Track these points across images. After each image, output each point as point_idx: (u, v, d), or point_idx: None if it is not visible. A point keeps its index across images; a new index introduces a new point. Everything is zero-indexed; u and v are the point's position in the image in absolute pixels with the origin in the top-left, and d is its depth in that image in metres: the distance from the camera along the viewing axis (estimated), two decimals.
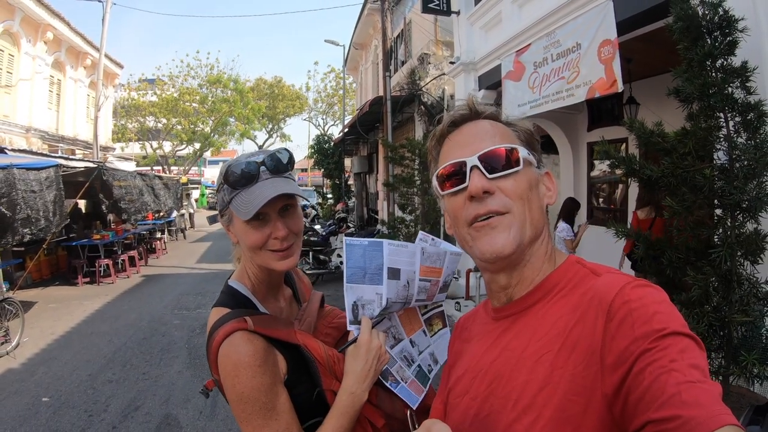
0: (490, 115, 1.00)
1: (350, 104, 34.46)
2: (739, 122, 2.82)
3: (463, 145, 0.95)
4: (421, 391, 1.32)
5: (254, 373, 1.14)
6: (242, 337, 1.17)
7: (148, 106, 32.82)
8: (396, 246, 1.22)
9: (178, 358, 6.46)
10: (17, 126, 14.30)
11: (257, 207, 1.18)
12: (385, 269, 1.18)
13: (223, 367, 1.17)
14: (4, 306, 6.79)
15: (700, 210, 2.96)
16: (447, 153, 0.98)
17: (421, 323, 1.40)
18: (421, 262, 1.25)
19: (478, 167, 0.91)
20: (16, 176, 7.52)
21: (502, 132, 0.96)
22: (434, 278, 1.31)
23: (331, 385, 1.25)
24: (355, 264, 1.18)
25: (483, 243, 0.90)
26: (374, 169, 20.09)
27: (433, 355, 1.40)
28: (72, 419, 4.76)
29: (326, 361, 1.26)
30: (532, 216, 0.91)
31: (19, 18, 14.21)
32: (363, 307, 1.20)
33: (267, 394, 1.15)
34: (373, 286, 1.18)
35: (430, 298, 1.34)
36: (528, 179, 0.93)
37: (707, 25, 2.86)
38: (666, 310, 0.75)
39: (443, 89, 11.82)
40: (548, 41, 5.71)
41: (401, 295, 1.22)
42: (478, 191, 0.89)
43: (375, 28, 18.28)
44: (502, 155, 0.91)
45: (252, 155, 1.28)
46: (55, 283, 11.72)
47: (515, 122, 1.01)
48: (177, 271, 13.49)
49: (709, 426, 0.60)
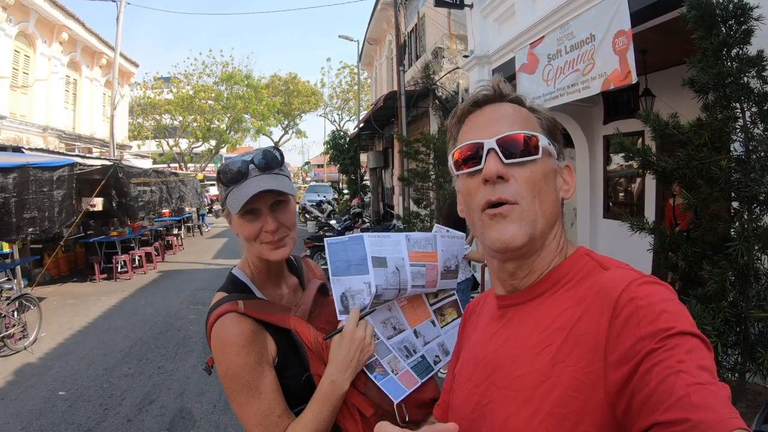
0: (515, 98, 0.98)
1: (366, 99, 34.45)
2: (756, 113, 2.76)
3: (483, 126, 0.93)
4: (413, 383, 1.30)
5: (238, 352, 1.22)
6: (232, 318, 1.25)
7: (164, 104, 33.09)
8: (377, 237, 1.26)
9: (194, 352, 6.52)
10: (34, 125, 14.52)
11: (243, 201, 1.25)
12: (369, 258, 1.21)
13: (213, 345, 1.26)
14: (22, 302, 6.91)
15: (717, 203, 2.90)
16: (466, 133, 0.96)
17: (430, 313, 1.39)
18: (408, 248, 1.28)
19: (495, 150, 0.88)
20: (30, 177, 7.64)
21: (524, 117, 0.94)
22: (429, 263, 1.32)
23: (320, 369, 1.28)
24: (338, 258, 1.22)
25: (493, 232, 0.88)
26: (390, 164, 20.09)
27: (442, 346, 1.39)
28: (88, 412, 4.83)
29: (315, 347, 1.30)
30: (544, 209, 0.88)
31: (34, 19, 14.40)
32: (353, 297, 1.22)
33: (250, 372, 1.22)
34: (359, 276, 1.21)
35: (431, 284, 1.33)
36: (544, 170, 0.90)
37: (722, 13, 2.80)
38: (674, 308, 0.73)
39: (458, 83, 11.77)
40: (562, 33, 5.63)
41: (392, 282, 1.24)
42: (492, 175, 0.87)
43: (389, 23, 18.23)
44: (521, 141, 0.89)
45: (246, 155, 1.36)
46: (73, 280, 11.89)
47: (540, 109, 0.98)
48: (193, 266, 13.61)
49: (719, 429, 0.58)
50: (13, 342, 6.59)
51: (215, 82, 35.01)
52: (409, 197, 11.63)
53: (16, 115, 13.77)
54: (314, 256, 9.87)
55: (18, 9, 13.60)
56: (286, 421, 1.22)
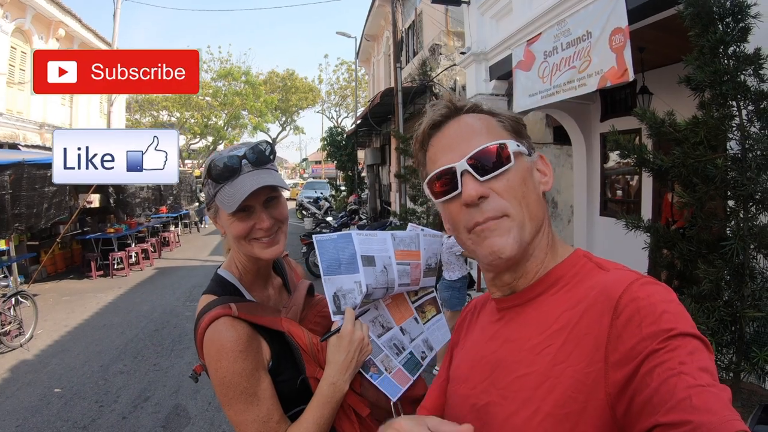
0: (472, 108, 0.95)
1: (363, 96, 34.43)
2: (752, 111, 2.75)
3: (449, 148, 0.91)
4: (406, 381, 1.30)
5: (236, 358, 1.17)
6: (226, 323, 1.20)
7: (162, 100, 33.00)
8: (365, 235, 1.25)
9: (189, 349, 6.51)
10: (31, 122, 14.43)
11: (240, 200, 1.20)
12: (359, 257, 1.20)
13: (207, 351, 1.21)
14: (18, 299, 6.90)
15: (712, 201, 2.89)
16: (434, 158, 0.94)
17: (412, 311, 1.40)
18: (394, 247, 1.28)
19: (468, 171, 0.87)
20: (24, 174, 7.63)
21: (487, 126, 0.92)
22: (413, 261, 1.32)
23: (315, 372, 1.26)
24: (329, 257, 1.20)
25: (484, 247, 0.87)
26: (387, 161, 20.07)
27: (427, 342, 1.40)
28: (83, 409, 4.83)
29: (310, 349, 1.27)
30: (530, 211, 0.87)
31: (31, 15, 14.30)
32: (344, 296, 1.20)
33: (248, 379, 1.17)
34: (350, 275, 1.20)
35: (415, 282, 1.34)
36: (521, 173, 0.89)
37: (719, 11, 2.79)
38: (674, 309, 0.72)
39: (455, 80, 11.75)
40: (559, 30, 5.61)
41: (381, 281, 1.23)
42: (472, 199, 0.85)
43: (386, 20, 18.18)
44: (492, 153, 0.87)
45: (234, 149, 1.30)
46: (70, 277, 11.87)
47: (499, 111, 0.96)
48: (190, 263, 13.61)
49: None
50: (9, 339, 6.59)
51: (213, 78, 34.93)
52: (406, 194, 11.63)
53: (13, 112, 13.68)
54: (310, 253, 9.87)
55: (14, 5, 13.51)
56: (284, 426, 1.20)
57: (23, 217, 8.12)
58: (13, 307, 6.73)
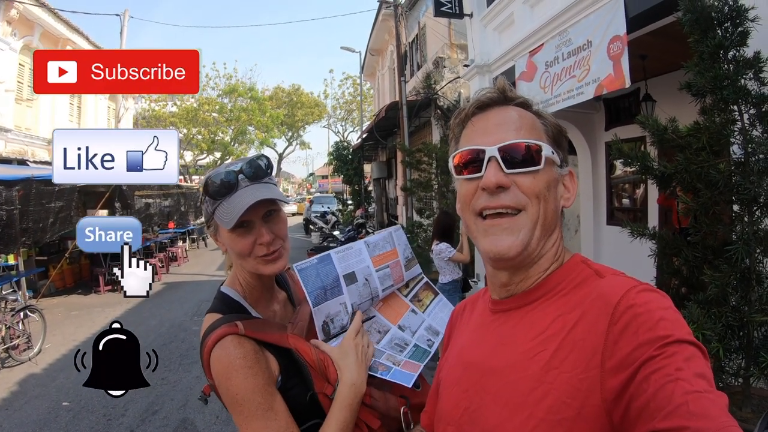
0: (521, 102, 0.95)
1: (369, 110, 34.54)
2: (754, 115, 2.75)
3: (486, 131, 0.91)
4: (417, 368, 1.30)
5: (246, 375, 1.15)
6: (233, 341, 1.17)
7: (168, 116, 33.23)
8: (342, 251, 1.27)
9: (197, 363, 6.48)
10: (39, 138, 14.57)
11: (238, 215, 1.19)
12: (341, 278, 1.22)
13: (215, 371, 1.18)
14: (27, 313, 6.91)
15: (717, 206, 2.88)
16: (468, 136, 0.93)
17: (407, 305, 1.41)
18: (369, 254, 1.30)
19: (496, 159, 0.86)
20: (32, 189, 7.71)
21: (529, 124, 0.91)
22: (392, 260, 1.35)
23: (324, 388, 1.24)
24: (314, 286, 1.22)
25: (488, 242, 0.87)
26: (393, 175, 20.11)
27: (431, 328, 1.40)
28: (91, 423, 4.83)
29: (318, 365, 1.25)
30: (546, 217, 0.88)
31: (39, 33, 14.49)
32: (332, 321, 1.23)
33: (262, 394, 1.15)
34: (335, 299, 1.22)
35: (398, 281, 1.36)
36: (547, 179, 0.88)
37: (717, 15, 2.80)
38: (671, 316, 0.73)
39: (459, 92, 11.81)
40: (560, 40, 5.65)
41: (365, 294, 1.26)
42: (491, 186, 0.85)
43: (390, 34, 18.31)
44: (524, 150, 0.87)
45: (231, 164, 1.30)
46: (78, 291, 11.89)
47: (545, 115, 0.96)
48: (198, 278, 13.61)
49: None
50: (18, 353, 6.59)
51: (219, 94, 35.19)
52: (412, 207, 11.64)
53: (21, 128, 13.84)
54: None
55: (22, 23, 13.72)
56: None
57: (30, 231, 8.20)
58: (21, 321, 6.74)
